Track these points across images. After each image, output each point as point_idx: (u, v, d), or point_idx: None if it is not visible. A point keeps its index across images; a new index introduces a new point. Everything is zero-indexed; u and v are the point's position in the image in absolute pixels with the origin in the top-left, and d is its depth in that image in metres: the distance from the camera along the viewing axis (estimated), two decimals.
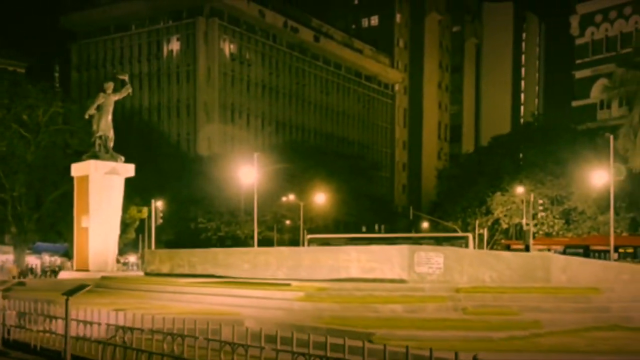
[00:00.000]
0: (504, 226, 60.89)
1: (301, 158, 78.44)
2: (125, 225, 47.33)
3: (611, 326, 12.25)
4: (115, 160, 32.84)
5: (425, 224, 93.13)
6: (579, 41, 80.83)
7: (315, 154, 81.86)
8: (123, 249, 52.20)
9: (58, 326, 11.03)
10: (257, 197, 74.64)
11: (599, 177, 39.06)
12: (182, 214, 73.14)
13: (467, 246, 39.62)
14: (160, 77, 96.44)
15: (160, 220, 47.40)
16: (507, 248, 45.30)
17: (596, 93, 73.20)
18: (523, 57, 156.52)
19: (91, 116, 32.68)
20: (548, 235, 59.69)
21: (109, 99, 32.72)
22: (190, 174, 78.43)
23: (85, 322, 10.77)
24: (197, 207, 76.67)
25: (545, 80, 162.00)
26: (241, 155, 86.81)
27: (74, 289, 10.55)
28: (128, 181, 32.09)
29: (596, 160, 58.41)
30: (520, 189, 55.73)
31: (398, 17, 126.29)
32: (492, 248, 48.27)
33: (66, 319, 10.31)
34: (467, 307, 12.64)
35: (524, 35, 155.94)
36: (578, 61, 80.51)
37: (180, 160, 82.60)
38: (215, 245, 78.56)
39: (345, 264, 16.02)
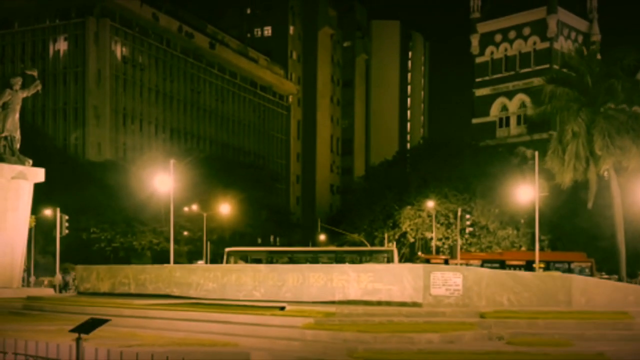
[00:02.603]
0: (411, 240, 61.40)
1: (200, 167, 75.93)
2: None
3: None
4: (23, 163, 30.24)
5: (322, 237, 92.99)
6: (479, 60, 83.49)
7: (215, 163, 79.49)
8: None
9: None
10: (156, 208, 71.81)
11: (524, 193, 39.74)
12: (73, 224, 68.58)
13: (392, 260, 39.13)
14: (46, 77, 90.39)
15: (67, 231, 43.77)
16: (427, 262, 45.31)
17: (495, 111, 75.98)
18: (409, 75, 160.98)
19: None
20: (453, 250, 60.68)
21: (16, 96, 29.99)
22: (79, 181, 73.98)
23: None
24: (89, 217, 72.36)
25: (430, 97, 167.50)
26: (134, 163, 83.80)
27: None
28: None
29: (501, 175, 60.30)
30: (430, 203, 56.32)
31: (291, 29, 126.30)
32: (409, 262, 48.27)
33: None
34: (503, 335, 11.67)
35: (410, 53, 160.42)
36: (478, 79, 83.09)
37: (69, 166, 77.74)
38: (109, 257, 74.64)
39: (340, 284, 14.70)
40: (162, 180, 44.63)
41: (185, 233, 75.36)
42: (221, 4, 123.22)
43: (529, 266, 43.31)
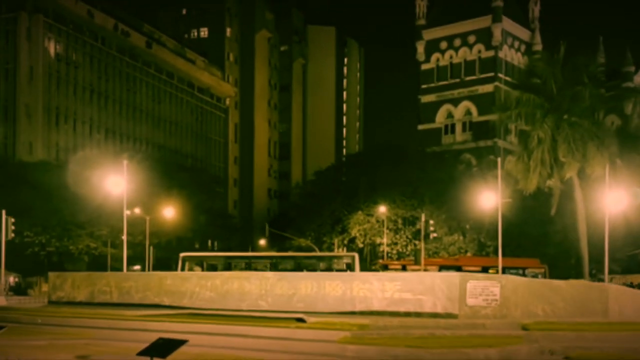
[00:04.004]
0: (360, 245, 61.08)
1: (140, 169, 73.47)
2: None
3: None
4: None
5: (262, 241, 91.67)
6: (424, 66, 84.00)
7: (156, 165, 77.09)
8: None
9: None
10: (94, 210, 68.92)
11: (487, 198, 39.80)
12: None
13: (353, 266, 38.46)
14: None
15: (12, 235, 41.22)
16: (385, 268, 44.91)
17: (441, 118, 76.50)
18: (345, 80, 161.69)
19: None
20: (401, 255, 60.76)
21: None
22: (10, 182, 70.37)
23: None
24: (21, 220, 68.80)
25: (367, 103, 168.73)
26: (68, 163, 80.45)
27: None
28: None
29: (448, 181, 60.72)
30: (382, 209, 56.13)
31: (228, 31, 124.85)
32: (369, 269, 47.81)
33: None
34: (554, 349, 11.12)
35: (345, 59, 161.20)
36: (423, 86, 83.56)
37: None
38: (43, 262, 71.35)
39: (362, 294, 13.86)
40: (114, 182, 42.46)
41: (123, 237, 72.86)
42: (157, 4, 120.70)
43: (484, 272, 43.47)
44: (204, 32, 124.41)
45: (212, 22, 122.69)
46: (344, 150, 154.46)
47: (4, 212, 42.16)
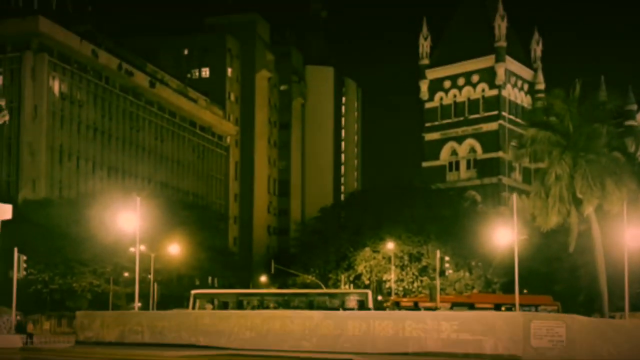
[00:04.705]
0: (366, 282, 60.82)
1: (143, 206, 73.04)
2: None
3: None
4: None
5: (263, 278, 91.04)
6: (428, 105, 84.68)
7: (160, 202, 76.78)
8: None
9: None
10: (97, 247, 68.32)
11: (503, 236, 39.57)
12: (7, 264, 64.67)
13: (367, 303, 38.07)
14: None
15: (24, 273, 40.68)
16: (397, 305, 44.50)
17: (445, 155, 76.90)
18: (343, 119, 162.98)
19: None
20: (407, 292, 60.39)
21: None
22: (13, 219, 69.79)
23: None
24: (25, 257, 68.32)
25: (365, 141, 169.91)
26: (70, 201, 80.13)
27: None
28: None
29: (454, 218, 60.70)
30: (390, 245, 56.03)
31: (229, 71, 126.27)
32: (381, 307, 47.27)
33: None
34: None
35: (343, 99, 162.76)
36: (427, 124, 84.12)
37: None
38: (45, 300, 70.61)
39: (415, 334, 13.53)
40: (126, 218, 42.10)
41: (126, 274, 72.40)
42: (159, 44, 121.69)
43: (497, 309, 43.16)
44: (205, 72, 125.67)
45: (213, 62, 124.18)
46: (342, 187, 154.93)
47: (15, 249, 41.61)
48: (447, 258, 43.93)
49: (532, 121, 40.77)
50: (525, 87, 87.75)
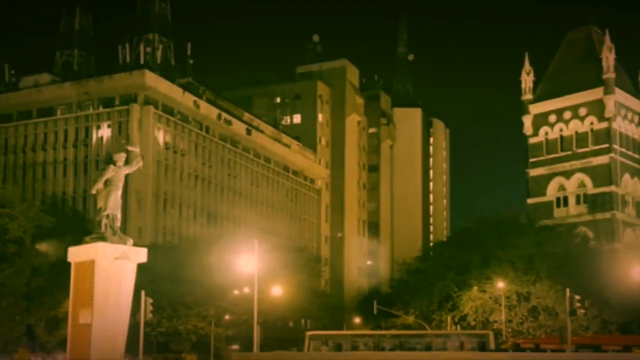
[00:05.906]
0: (472, 323, 60.18)
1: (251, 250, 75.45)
2: None
3: None
4: (125, 242, 28.39)
5: (357, 319, 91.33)
6: (532, 140, 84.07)
7: (261, 247, 78.99)
8: None
9: None
10: (202, 290, 70.64)
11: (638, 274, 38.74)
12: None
13: (487, 345, 38.13)
14: (88, 164, 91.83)
15: (150, 315, 42.74)
16: (517, 347, 43.92)
17: (552, 191, 75.97)
18: (431, 159, 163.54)
19: (97, 192, 28.38)
20: (516, 333, 59.36)
21: (119, 173, 28.30)
22: None
23: None
24: (134, 301, 71.42)
25: (451, 182, 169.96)
26: (174, 246, 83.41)
27: None
28: None
29: (565, 255, 59.47)
30: (500, 284, 55.54)
31: (320, 117, 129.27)
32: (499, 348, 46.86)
33: None
34: None
35: (431, 139, 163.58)
36: (532, 159, 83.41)
37: None
38: (152, 343, 73.33)
39: None
40: (246, 261, 44.11)
41: (227, 317, 74.40)
42: (253, 94, 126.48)
43: (627, 351, 41.54)
44: (297, 118, 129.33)
45: (305, 108, 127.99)
46: (431, 227, 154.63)
47: (142, 292, 43.41)
48: (577, 297, 42.62)
49: None
50: (636, 118, 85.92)
